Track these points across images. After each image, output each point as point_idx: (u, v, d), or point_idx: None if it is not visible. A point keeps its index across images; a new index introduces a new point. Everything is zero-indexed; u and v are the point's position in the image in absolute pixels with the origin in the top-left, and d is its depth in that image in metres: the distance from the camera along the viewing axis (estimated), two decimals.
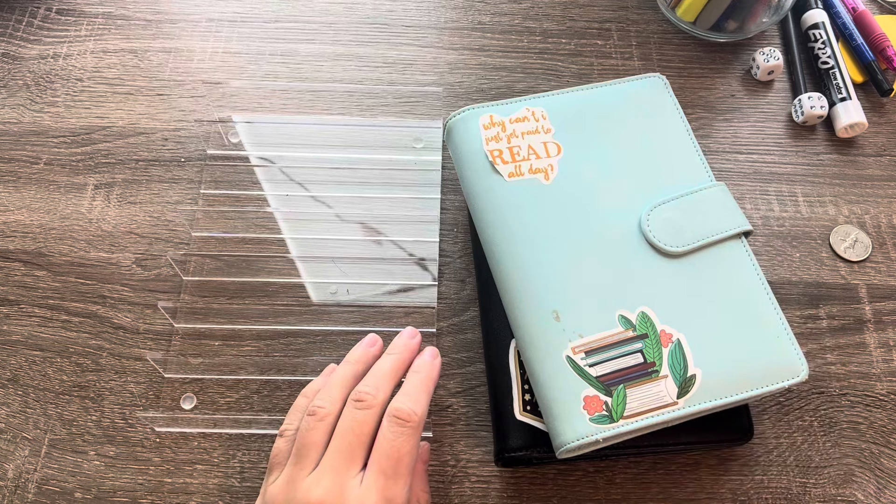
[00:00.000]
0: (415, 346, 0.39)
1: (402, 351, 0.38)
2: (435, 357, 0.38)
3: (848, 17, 0.57)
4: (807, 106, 0.52)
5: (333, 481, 0.32)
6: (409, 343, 0.39)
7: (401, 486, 0.33)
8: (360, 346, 0.40)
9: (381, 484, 0.32)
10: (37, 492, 0.41)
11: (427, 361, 0.38)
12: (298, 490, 0.32)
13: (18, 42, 0.56)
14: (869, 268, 0.48)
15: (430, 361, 0.38)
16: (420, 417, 0.34)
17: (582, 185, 0.43)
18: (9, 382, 0.43)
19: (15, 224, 0.48)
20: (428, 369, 0.37)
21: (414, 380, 0.37)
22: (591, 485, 0.41)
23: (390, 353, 0.38)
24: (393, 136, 0.52)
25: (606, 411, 0.36)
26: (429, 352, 0.39)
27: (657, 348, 0.38)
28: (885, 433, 0.43)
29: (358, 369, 0.38)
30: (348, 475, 0.32)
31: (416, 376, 0.37)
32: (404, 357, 0.38)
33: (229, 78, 0.54)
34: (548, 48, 0.57)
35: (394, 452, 0.33)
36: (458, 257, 0.48)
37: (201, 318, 0.45)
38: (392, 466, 0.33)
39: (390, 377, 0.36)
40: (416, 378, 0.37)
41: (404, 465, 0.33)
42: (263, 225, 0.49)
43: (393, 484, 0.32)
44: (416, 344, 0.39)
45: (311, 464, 0.33)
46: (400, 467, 0.33)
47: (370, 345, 0.40)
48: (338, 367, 0.38)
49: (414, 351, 0.39)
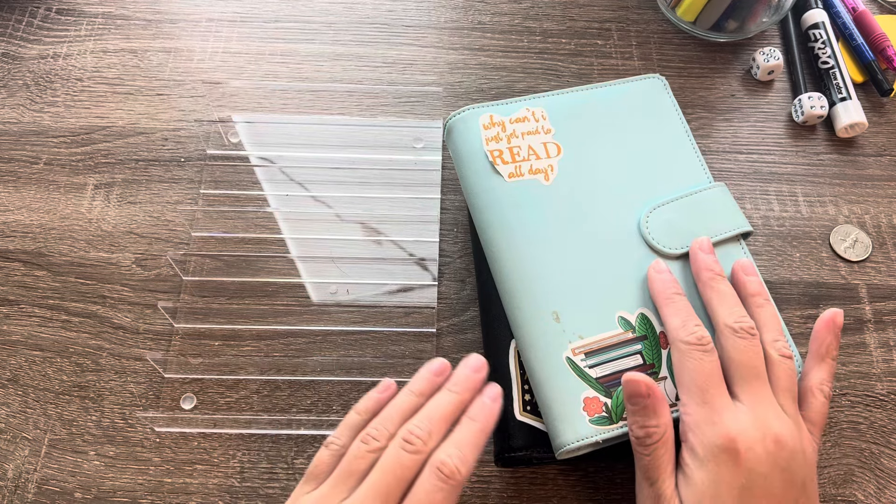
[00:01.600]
0: (478, 383, 0.36)
1: (463, 390, 0.35)
2: (495, 400, 0.35)
3: (848, 17, 0.57)
4: (807, 106, 0.52)
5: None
6: (474, 379, 0.36)
7: None
8: (426, 375, 0.36)
9: None
10: (37, 492, 0.41)
11: (486, 408, 0.35)
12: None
13: (18, 42, 0.56)
14: (869, 268, 0.48)
15: (490, 407, 0.35)
16: (464, 476, 0.32)
17: (582, 187, 0.43)
18: (9, 382, 0.43)
19: (15, 224, 0.48)
20: (485, 418, 0.34)
21: (467, 430, 0.34)
22: (591, 485, 0.41)
23: (452, 390, 0.35)
24: (393, 136, 0.52)
25: (606, 413, 0.36)
26: (489, 394, 0.35)
27: (656, 350, 0.38)
28: (885, 433, 0.43)
29: (420, 403, 0.35)
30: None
31: (471, 426, 0.34)
32: (465, 398, 0.35)
33: (229, 78, 0.54)
34: (548, 48, 0.57)
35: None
36: (458, 257, 0.48)
37: (201, 318, 0.45)
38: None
39: (446, 421, 0.34)
40: (470, 429, 0.34)
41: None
42: (263, 225, 0.49)
43: None
44: (480, 380, 0.36)
45: (348, 490, 0.32)
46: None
47: (437, 374, 0.36)
48: (400, 394, 0.36)
49: (476, 389, 0.36)
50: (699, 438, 0.33)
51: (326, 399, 0.43)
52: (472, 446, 0.33)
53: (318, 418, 0.43)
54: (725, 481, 0.32)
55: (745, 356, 0.35)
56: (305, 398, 0.43)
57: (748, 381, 0.35)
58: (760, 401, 0.34)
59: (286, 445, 0.42)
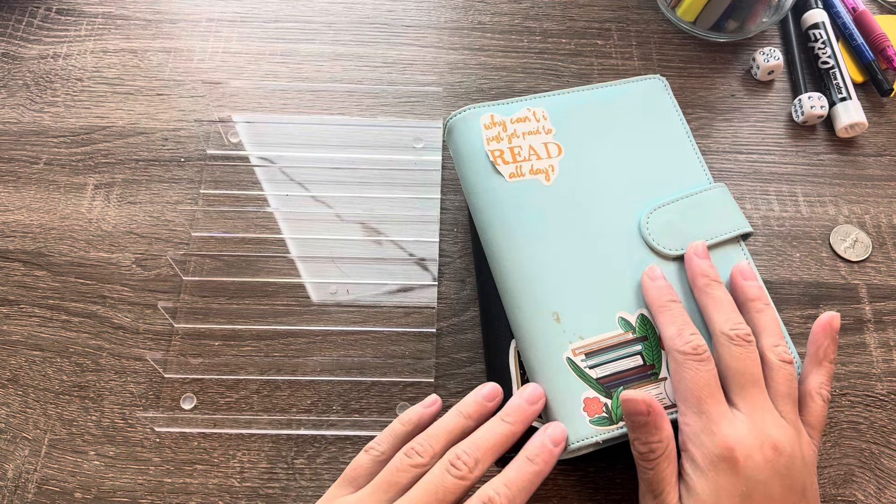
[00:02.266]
0: (532, 416, 0.35)
1: (516, 421, 0.34)
2: (557, 445, 0.34)
3: (848, 17, 0.57)
4: (807, 106, 0.52)
5: None
6: (527, 411, 0.35)
7: None
8: (478, 399, 0.36)
9: None
10: (37, 492, 0.41)
11: (547, 452, 0.34)
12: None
13: (18, 42, 0.56)
14: (869, 268, 0.48)
15: (551, 452, 0.34)
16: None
17: (582, 187, 0.43)
18: (9, 382, 0.43)
19: (15, 224, 0.48)
20: (543, 462, 0.33)
21: (522, 471, 0.33)
22: (591, 485, 0.41)
23: (505, 420, 0.34)
24: (393, 136, 0.52)
25: (606, 413, 0.36)
26: (553, 437, 0.34)
27: (657, 351, 0.38)
28: (885, 433, 0.43)
29: (469, 426, 0.35)
30: None
31: (527, 468, 0.33)
32: (517, 431, 0.34)
33: (229, 78, 0.54)
34: (548, 48, 0.57)
35: None
36: (458, 257, 0.48)
37: (201, 318, 0.45)
38: None
39: (495, 452, 0.33)
40: (525, 470, 0.33)
41: None
42: (263, 225, 0.49)
43: None
44: (534, 413, 0.35)
45: (387, 501, 0.32)
46: None
47: (488, 399, 0.36)
48: (448, 413, 0.35)
49: (528, 421, 0.35)
50: (698, 448, 0.34)
51: (326, 399, 0.43)
52: (524, 490, 0.32)
53: (318, 418, 0.43)
54: (726, 490, 0.33)
55: (742, 364, 0.35)
56: (305, 398, 0.43)
57: (745, 388, 0.35)
58: (758, 408, 0.34)
59: (286, 445, 0.42)
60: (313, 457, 0.42)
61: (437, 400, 0.36)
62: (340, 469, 0.41)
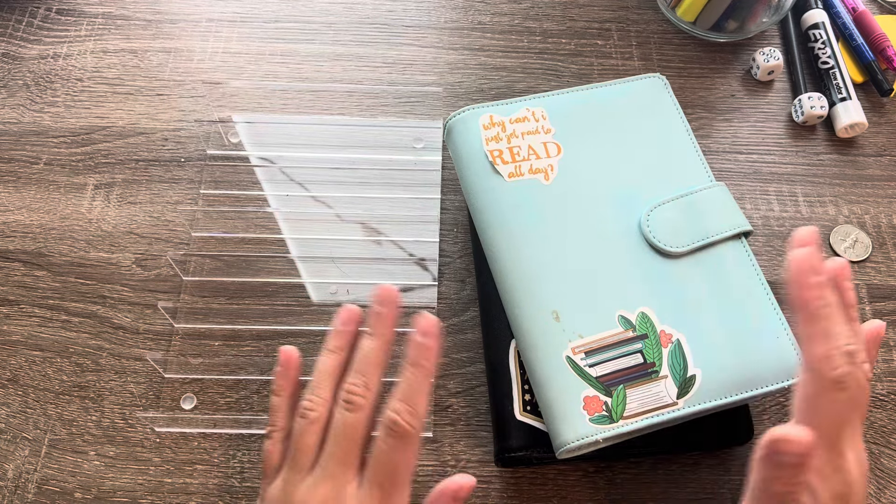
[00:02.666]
0: (393, 317, 0.34)
1: (382, 330, 0.34)
2: (428, 335, 0.33)
3: (848, 17, 0.57)
4: (807, 106, 0.52)
5: (331, 488, 0.32)
6: (387, 315, 0.34)
7: (400, 496, 0.32)
8: (338, 328, 0.36)
9: (377, 497, 0.31)
10: (37, 492, 0.41)
11: (423, 348, 0.33)
12: (296, 495, 0.32)
13: (18, 42, 0.56)
14: (869, 268, 0.48)
15: (426, 346, 0.33)
16: (420, 425, 0.32)
17: (582, 186, 0.43)
18: (9, 382, 0.43)
19: (15, 224, 0.48)
20: (426, 360, 0.33)
21: (410, 378, 0.33)
22: (591, 485, 0.41)
23: (372, 335, 0.34)
24: (393, 136, 0.52)
25: (606, 412, 0.36)
26: (423, 327, 0.33)
27: (657, 349, 0.38)
28: (885, 433, 0.43)
29: (342, 358, 0.35)
30: (345, 480, 0.32)
31: (414, 374, 0.33)
32: (388, 337, 0.34)
33: (229, 78, 0.54)
34: (548, 48, 0.57)
35: (391, 465, 0.32)
36: (458, 257, 0.48)
37: (201, 318, 0.45)
38: (389, 479, 0.32)
39: (378, 366, 0.34)
40: (413, 377, 0.33)
41: (402, 476, 0.32)
42: (263, 225, 0.49)
43: (390, 496, 0.32)
44: (393, 314, 0.35)
45: (307, 467, 0.32)
46: (397, 479, 0.32)
47: (347, 323, 0.36)
48: (320, 356, 0.35)
49: (393, 323, 0.34)
50: (824, 483, 0.31)
51: None
52: (420, 394, 0.32)
53: None
54: None
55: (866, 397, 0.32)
56: None
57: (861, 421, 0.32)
58: (859, 437, 0.32)
59: None
60: None
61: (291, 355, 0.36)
62: None
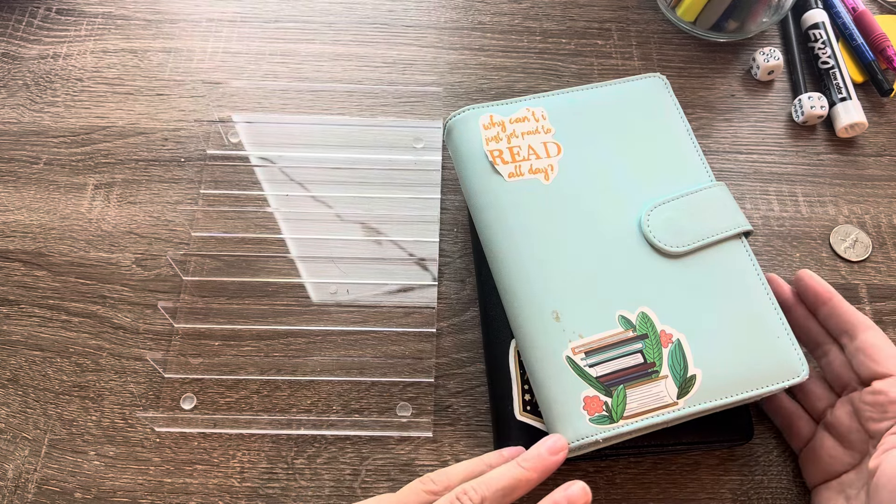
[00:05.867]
0: (552, 466, 0.34)
1: (533, 468, 0.33)
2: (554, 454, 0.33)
3: (848, 17, 0.57)
4: (807, 106, 0.52)
5: None
6: (547, 461, 0.34)
7: None
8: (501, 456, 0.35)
9: None
10: (37, 492, 0.41)
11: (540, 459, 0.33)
12: None
13: (18, 42, 0.56)
14: (869, 268, 0.48)
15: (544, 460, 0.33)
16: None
17: (582, 186, 0.43)
18: (9, 382, 0.43)
19: (15, 224, 0.48)
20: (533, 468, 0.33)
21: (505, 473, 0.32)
22: (591, 485, 0.41)
23: (521, 465, 0.33)
24: (393, 136, 0.52)
25: (606, 412, 0.36)
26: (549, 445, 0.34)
27: (657, 348, 0.38)
28: None
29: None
30: None
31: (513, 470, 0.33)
32: (531, 478, 0.33)
33: (229, 78, 0.54)
34: (548, 48, 0.57)
35: None
36: (458, 257, 0.48)
37: (201, 318, 0.45)
38: None
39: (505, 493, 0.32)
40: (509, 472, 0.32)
41: None
42: (263, 225, 0.49)
43: None
44: (554, 464, 0.34)
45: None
46: None
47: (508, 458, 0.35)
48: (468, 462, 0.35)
49: (547, 471, 0.34)
50: None
51: (326, 399, 0.43)
52: (502, 491, 0.32)
53: (318, 418, 0.43)
54: None
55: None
56: (305, 398, 0.43)
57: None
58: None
59: (286, 445, 0.42)
60: (313, 457, 0.42)
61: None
62: (340, 469, 0.41)
